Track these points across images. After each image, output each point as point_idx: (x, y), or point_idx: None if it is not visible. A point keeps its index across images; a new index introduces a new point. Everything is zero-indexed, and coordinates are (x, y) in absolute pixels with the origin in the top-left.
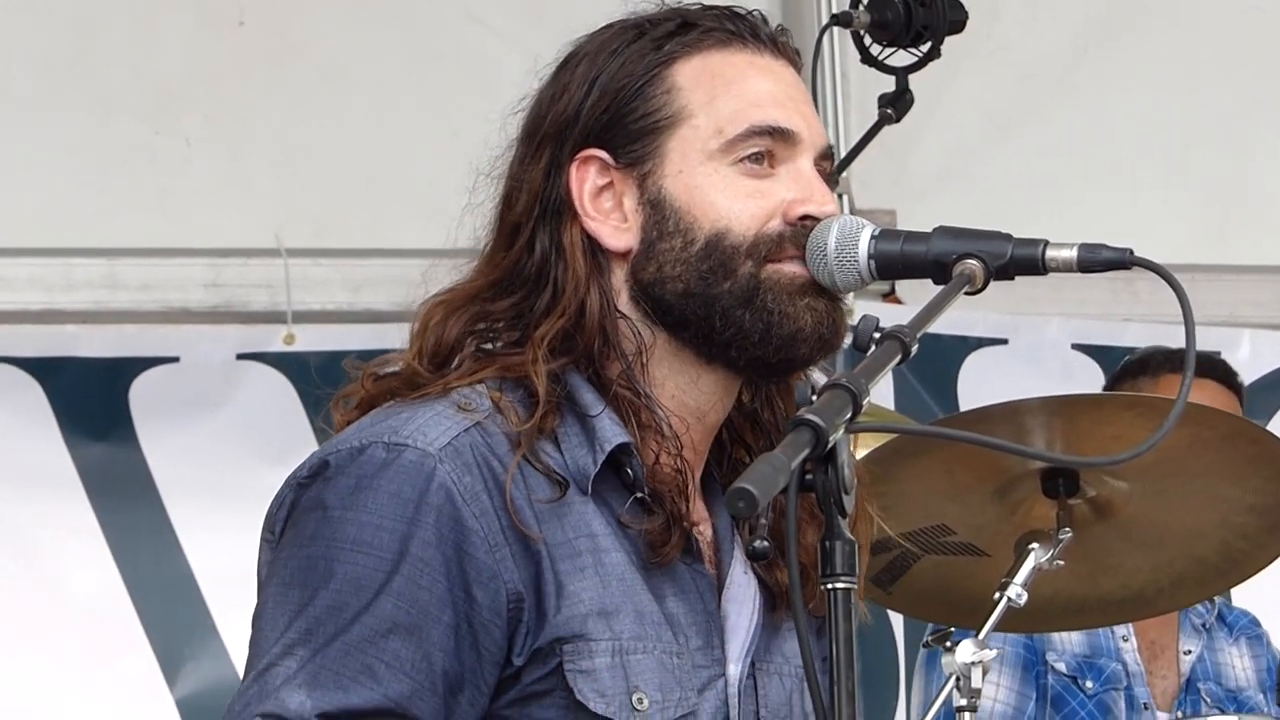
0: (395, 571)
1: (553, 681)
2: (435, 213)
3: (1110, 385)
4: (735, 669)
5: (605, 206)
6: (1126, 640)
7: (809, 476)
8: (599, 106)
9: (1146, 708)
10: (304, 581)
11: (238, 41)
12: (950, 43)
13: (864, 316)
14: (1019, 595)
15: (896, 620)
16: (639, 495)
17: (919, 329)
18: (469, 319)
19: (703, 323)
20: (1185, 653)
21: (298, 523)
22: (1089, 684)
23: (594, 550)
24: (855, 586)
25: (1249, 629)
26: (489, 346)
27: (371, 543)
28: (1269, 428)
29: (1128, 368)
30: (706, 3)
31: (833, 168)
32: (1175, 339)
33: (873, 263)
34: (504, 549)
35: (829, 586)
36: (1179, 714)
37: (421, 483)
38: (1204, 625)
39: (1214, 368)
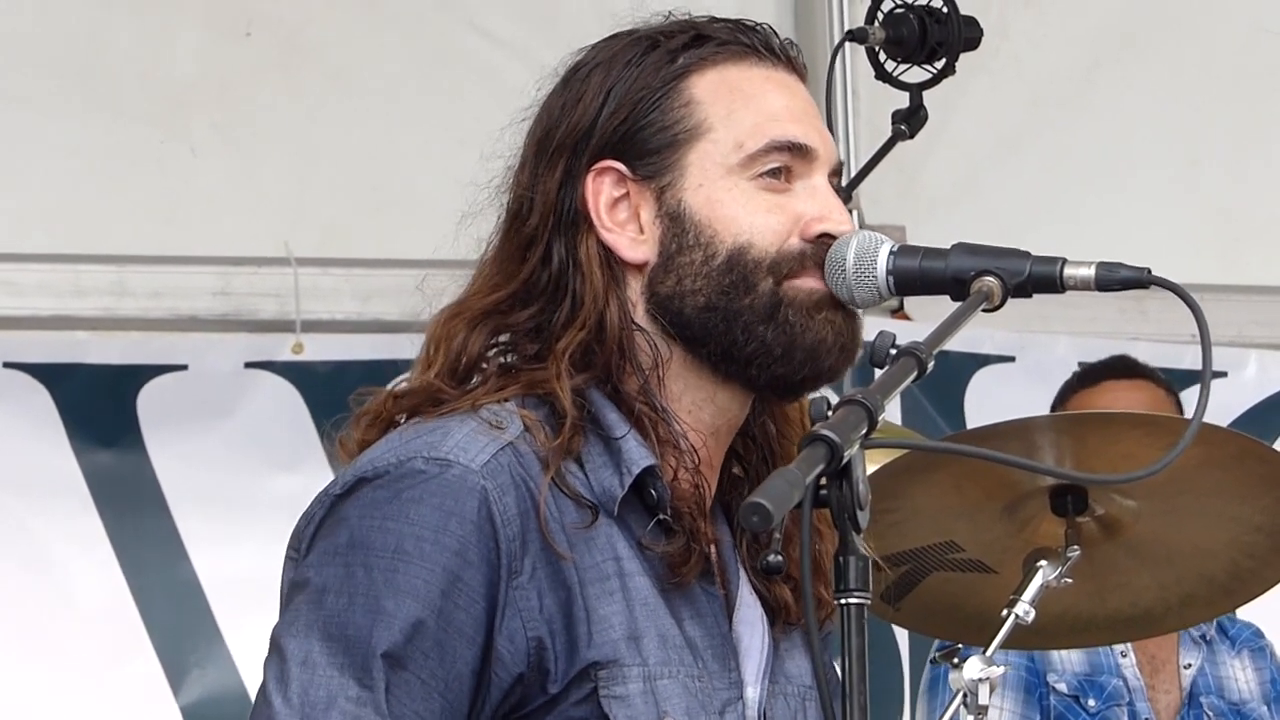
0: (437, 587)
1: (588, 709)
2: (444, 223)
3: (1059, 402)
4: (754, 691)
5: (621, 218)
6: (1125, 656)
7: (824, 492)
8: (616, 118)
9: None
10: (340, 589)
11: (247, 50)
12: (960, 59)
13: (880, 332)
14: (1027, 612)
15: (902, 636)
16: (661, 517)
17: (935, 346)
18: (488, 332)
19: (723, 337)
20: (1185, 666)
21: (331, 534)
22: (1091, 702)
23: (620, 574)
24: (869, 602)
25: (1251, 641)
26: (505, 360)
27: (413, 553)
28: (1274, 448)
29: (1073, 381)
30: (716, 15)
31: (840, 183)
32: (1183, 359)
33: (891, 278)
34: (532, 580)
35: (843, 602)
36: None
37: (466, 499)
38: (1204, 637)
39: (1133, 368)
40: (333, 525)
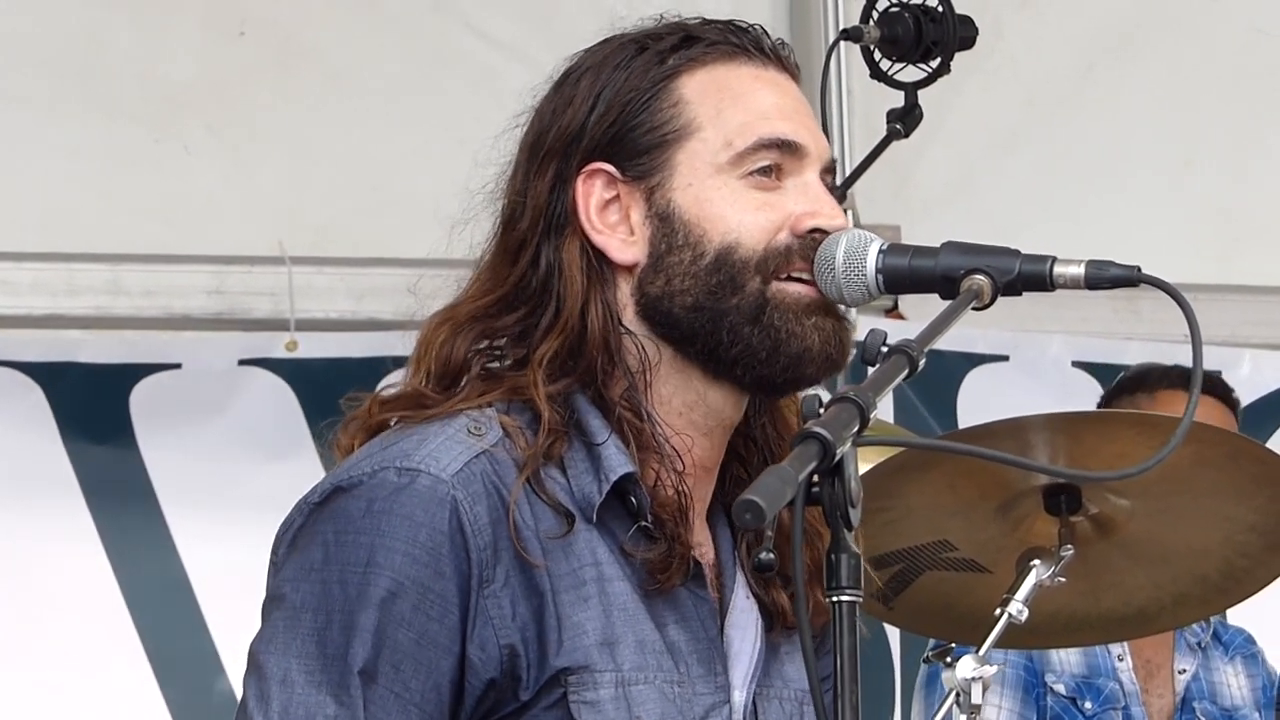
0: (409, 600)
1: (558, 714)
2: (439, 223)
3: (1106, 401)
4: (740, 696)
5: (612, 220)
6: (1122, 659)
7: (815, 489)
8: (605, 120)
9: None
10: (317, 606)
11: (242, 51)
12: (955, 58)
13: (872, 330)
14: (1020, 612)
15: (893, 636)
16: (642, 524)
17: (926, 344)
18: (474, 337)
19: (710, 337)
20: (1180, 671)
21: (306, 547)
22: (1088, 704)
23: (598, 580)
24: (860, 600)
25: (1244, 648)
26: (494, 365)
27: (384, 566)
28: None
29: (1124, 384)
30: (709, 16)
31: (834, 181)
32: (1176, 358)
33: (880, 277)
34: (505, 588)
35: (834, 599)
36: None
37: (437, 510)
38: (1199, 644)
39: (1213, 385)
40: (309, 537)
